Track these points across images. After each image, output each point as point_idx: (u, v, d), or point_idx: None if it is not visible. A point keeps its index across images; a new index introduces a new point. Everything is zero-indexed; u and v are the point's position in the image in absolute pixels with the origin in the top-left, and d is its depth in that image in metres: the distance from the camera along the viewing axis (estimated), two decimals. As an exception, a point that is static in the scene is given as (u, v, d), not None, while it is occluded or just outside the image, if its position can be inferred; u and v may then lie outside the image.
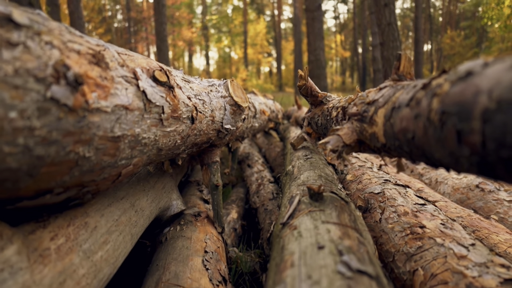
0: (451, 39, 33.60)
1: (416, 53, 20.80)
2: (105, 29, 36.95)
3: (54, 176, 0.64)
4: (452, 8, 39.38)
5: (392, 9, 9.44)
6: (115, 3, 41.92)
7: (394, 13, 9.56)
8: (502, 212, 1.83)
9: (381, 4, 9.43)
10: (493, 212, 1.87)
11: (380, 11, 9.53)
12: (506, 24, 10.37)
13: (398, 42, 9.55)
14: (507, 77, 0.38)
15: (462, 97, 0.45)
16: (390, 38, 9.54)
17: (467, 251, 0.86)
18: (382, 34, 9.68)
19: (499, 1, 10.08)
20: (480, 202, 2.00)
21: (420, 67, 20.18)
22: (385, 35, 9.61)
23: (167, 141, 1.04)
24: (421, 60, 20.61)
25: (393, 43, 9.52)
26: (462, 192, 2.15)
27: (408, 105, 0.63)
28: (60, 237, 0.72)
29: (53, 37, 0.59)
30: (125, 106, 0.77)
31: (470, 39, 32.97)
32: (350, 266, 0.59)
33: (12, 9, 0.52)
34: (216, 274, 1.12)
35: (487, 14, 10.63)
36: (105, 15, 38.98)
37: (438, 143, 0.52)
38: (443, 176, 2.43)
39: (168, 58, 12.44)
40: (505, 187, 2.00)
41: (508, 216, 1.78)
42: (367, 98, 0.95)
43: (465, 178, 2.20)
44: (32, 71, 0.51)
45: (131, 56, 0.91)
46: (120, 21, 42.38)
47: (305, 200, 0.97)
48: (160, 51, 12.57)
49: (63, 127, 0.59)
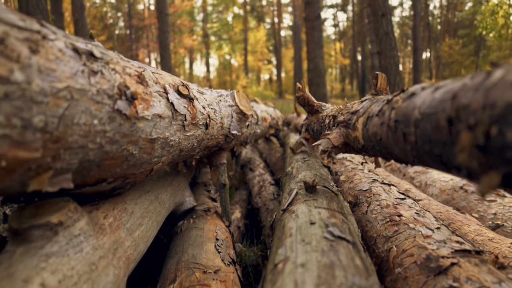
0: (449, 47, 33.95)
1: (414, 61, 21.11)
2: (107, 36, 37.38)
3: (111, 168, 0.85)
4: (450, 16, 39.85)
5: (389, 19, 9.68)
6: (117, 10, 42.37)
7: (391, 23, 9.80)
8: (482, 210, 2.03)
9: (379, 14, 9.67)
10: (474, 210, 2.07)
11: (378, 21, 9.77)
12: (501, 34, 10.65)
13: (395, 51, 9.79)
14: (429, 98, 0.60)
15: (406, 110, 0.67)
16: (387, 47, 9.77)
17: (432, 232, 1.07)
18: (380, 44, 9.90)
19: (493, 11, 10.37)
20: (463, 202, 2.19)
21: (418, 75, 20.46)
22: (382, 44, 9.84)
23: (187, 144, 1.26)
24: (419, 68, 20.90)
25: (390, 52, 9.74)
26: (448, 193, 2.35)
27: (377, 115, 0.85)
28: (110, 217, 0.93)
29: (115, 65, 0.80)
30: (159, 115, 0.98)
31: (468, 47, 33.31)
32: (333, 233, 0.80)
33: (92, 46, 0.74)
34: (226, 257, 1.33)
35: (482, 24, 10.91)
36: (107, 22, 39.43)
37: (394, 142, 0.74)
38: (432, 179, 2.63)
39: (170, 66, 12.69)
40: (486, 188, 2.20)
41: (487, 214, 1.98)
42: (351, 108, 1.17)
43: (451, 181, 2.40)
44: (106, 90, 0.73)
45: (161, 74, 1.12)
46: (121, 28, 42.77)
47: (302, 192, 1.19)
48: (163, 58, 12.83)
49: (122, 131, 0.80)
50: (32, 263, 0.63)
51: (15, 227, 0.68)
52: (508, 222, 1.84)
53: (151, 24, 38.62)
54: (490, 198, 2.09)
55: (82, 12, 13.22)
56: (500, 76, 0.41)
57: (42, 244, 0.68)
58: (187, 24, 37.64)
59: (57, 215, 0.72)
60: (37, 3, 7.21)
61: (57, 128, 0.59)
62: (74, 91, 0.62)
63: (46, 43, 0.59)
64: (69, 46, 0.66)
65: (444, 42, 36.04)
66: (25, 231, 0.68)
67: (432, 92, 0.60)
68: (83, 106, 0.65)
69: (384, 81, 1.12)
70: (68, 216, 0.75)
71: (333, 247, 0.73)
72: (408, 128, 0.65)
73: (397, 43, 9.90)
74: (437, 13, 43.17)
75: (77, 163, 0.70)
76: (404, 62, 49.08)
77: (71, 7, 26.21)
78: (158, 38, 12.94)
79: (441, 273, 0.84)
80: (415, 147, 0.63)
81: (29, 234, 0.68)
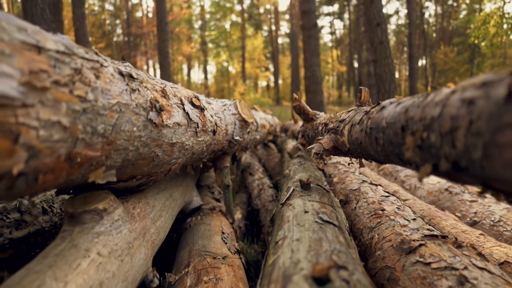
0: (444, 55, 34.39)
1: (410, 68, 21.37)
2: (105, 44, 37.68)
3: (141, 167, 1.04)
4: (445, 24, 40.39)
5: (383, 29, 9.92)
6: (115, 18, 42.69)
7: (386, 32, 10.04)
8: (464, 210, 2.22)
9: (373, 24, 9.91)
10: (458, 210, 2.26)
11: (373, 30, 10.01)
12: (492, 42, 10.95)
13: (389, 59, 10.03)
14: (392, 111, 0.79)
15: (378, 120, 0.87)
16: (382, 55, 9.99)
17: (408, 222, 1.26)
18: (375, 52, 10.12)
19: (485, 21, 10.68)
20: (448, 202, 2.39)
21: (414, 82, 20.72)
22: (377, 53, 10.06)
23: (198, 147, 1.45)
24: (415, 75, 21.15)
25: (385, 60, 9.97)
26: (434, 195, 2.54)
27: (359, 123, 1.04)
28: (137, 208, 1.12)
29: (146, 83, 1.00)
30: (178, 123, 1.17)
31: (463, 55, 33.76)
32: (323, 219, 0.99)
33: (130, 69, 0.93)
34: (232, 247, 1.52)
35: (475, 33, 11.22)
36: (105, 29, 39.75)
37: (370, 145, 0.93)
38: (421, 182, 2.83)
39: (170, 74, 12.91)
40: (469, 189, 2.40)
41: (468, 213, 2.17)
42: (339, 117, 1.37)
43: (438, 184, 2.60)
44: (142, 104, 0.92)
45: (177, 88, 1.32)
46: (119, 35, 43.04)
47: (298, 189, 1.38)
48: (162, 66, 13.05)
49: (152, 136, 0.99)
50: (88, 238, 0.82)
51: (71, 211, 0.87)
52: (486, 219, 2.03)
53: (149, 31, 38.95)
54: (472, 198, 2.28)
55: (83, 21, 13.40)
56: (431, 98, 0.61)
57: (92, 225, 0.87)
58: (185, 32, 37.99)
59: (102, 203, 0.91)
60: (41, 13, 7.42)
61: (111, 134, 0.78)
62: (121, 105, 0.81)
63: (103, 70, 0.78)
64: (116, 70, 0.85)
65: (440, 49, 36.49)
66: (79, 214, 0.87)
67: (395, 106, 0.80)
68: (127, 116, 0.85)
69: (367, 94, 1.31)
70: (110, 204, 0.94)
71: (322, 228, 0.92)
72: (378, 133, 0.84)
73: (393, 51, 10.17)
74: (432, 21, 43.73)
75: (120, 162, 0.89)
76: (400, 70, 49.55)
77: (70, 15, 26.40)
78: (157, 47, 13.17)
79: (411, 252, 1.03)
80: (383, 148, 0.83)
81: (82, 217, 0.87)
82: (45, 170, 0.60)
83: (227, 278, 1.17)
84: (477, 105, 0.45)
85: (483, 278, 0.82)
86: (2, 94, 0.47)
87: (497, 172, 0.42)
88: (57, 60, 0.62)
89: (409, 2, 22.88)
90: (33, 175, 0.58)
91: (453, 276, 0.85)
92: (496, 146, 0.41)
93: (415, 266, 0.96)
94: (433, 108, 0.58)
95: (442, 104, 0.55)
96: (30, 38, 0.57)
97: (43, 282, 0.62)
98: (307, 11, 11.18)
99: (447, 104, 0.53)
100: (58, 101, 0.60)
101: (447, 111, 0.53)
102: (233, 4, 41.44)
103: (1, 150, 0.47)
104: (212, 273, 1.19)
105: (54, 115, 0.59)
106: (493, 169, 0.43)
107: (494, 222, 1.98)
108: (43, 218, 1.27)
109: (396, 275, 0.99)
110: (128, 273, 0.87)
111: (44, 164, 0.59)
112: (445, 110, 0.53)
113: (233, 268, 1.28)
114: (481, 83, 0.47)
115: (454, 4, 38.91)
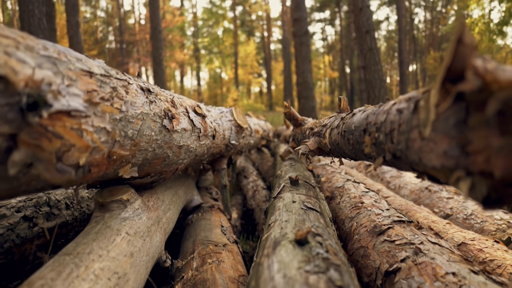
0: (434, 60, 34.97)
1: (401, 74, 21.75)
2: (98, 51, 37.81)
3: (155, 165, 1.25)
4: (435, 30, 41.11)
5: (372, 36, 10.22)
6: (107, 25, 42.81)
7: (375, 39, 10.34)
8: (441, 206, 2.44)
9: (363, 31, 10.21)
10: (436, 206, 2.48)
11: (362, 38, 10.30)
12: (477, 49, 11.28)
13: (379, 65, 10.32)
14: (359, 117, 1.01)
15: (349, 124, 1.08)
16: (371, 62, 10.27)
17: (382, 212, 1.47)
18: (364, 59, 10.40)
19: (469, 28, 11.03)
20: (428, 200, 2.61)
21: (405, 87, 21.09)
22: (367, 60, 10.34)
23: (200, 150, 1.65)
24: (405, 80, 21.52)
25: (374, 66, 10.25)
26: (416, 194, 2.77)
27: (336, 127, 1.26)
28: (151, 201, 1.32)
29: (160, 95, 1.20)
30: (184, 129, 1.38)
31: (452, 60, 34.24)
32: (307, 206, 1.20)
33: (147, 84, 1.14)
34: (231, 237, 1.72)
35: (460, 40, 11.54)
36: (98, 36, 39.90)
37: (344, 145, 1.15)
38: (404, 183, 3.05)
39: (164, 81, 13.11)
40: (446, 188, 2.63)
41: (445, 208, 2.39)
42: (323, 123, 1.59)
43: (419, 183, 2.82)
44: (158, 113, 1.13)
45: (182, 98, 1.53)
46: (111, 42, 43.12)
47: (288, 185, 1.59)
48: (156, 74, 13.25)
49: (165, 139, 1.20)
50: (117, 222, 1.02)
51: (101, 201, 1.07)
52: (460, 214, 2.26)
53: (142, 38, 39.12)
54: (448, 196, 2.51)
55: (77, 29, 13.57)
56: (382, 107, 0.83)
57: (119, 212, 1.07)
58: (178, 39, 38.24)
59: (126, 195, 1.12)
60: (38, 23, 7.60)
61: (136, 137, 0.99)
62: (144, 114, 1.02)
63: (130, 86, 0.99)
64: (138, 86, 1.06)
65: (429, 55, 37.11)
66: (107, 203, 1.07)
67: (361, 114, 1.01)
68: (148, 123, 1.05)
69: (345, 103, 1.54)
70: (131, 196, 1.14)
71: (306, 213, 1.13)
72: (349, 135, 1.06)
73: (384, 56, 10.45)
74: (422, 27, 44.45)
75: (141, 160, 1.10)
76: (391, 75, 50.19)
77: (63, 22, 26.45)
78: (151, 54, 13.38)
79: (381, 234, 1.24)
80: (353, 147, 1.04)
81: (110, 206, 1.07)
82: (95, 164, 0.81)
83: (228, 261, 1.37)
84: (404, 113, 0.67)
85: (434, 249, 1.04)
86: (75, 108, 0.68)
87: (413, 158, 0.63)
88: (102, 81, 0.82)
89: (399, 9, 23.35)
90: (88, 167, 0.78)
91: (411, 248, 1.06)
92: (411, 140, 0.62)
93: (383, 244, 1.18)
94: (382, 115, 0.79)
95: (387, 112, 0.77)
96: (84, 66, 0.77)
97: (92, 249, 0.82)
98: (298, 18, 11.47)
99: (389, 112, 0.75)
100: (104, 112, 0.80)
101: (389, 117, 0.74)
102: (225, 11, 41.81)
103: (81, 147, 0.67)
104: (214, 256, 1.40)
105: (101, 123, 0.79)
106: (411, 156, 0.64)
107: (467, 216, 2.21)
108: (66, 212, 1.47)
109: (368, 252, 1.20)
110: (149, 250, 1.07)
111: (94, 159, 0.79)
112: (388, 117, 0.75)
113: (232, 253, 1.48)
114: (408, 98, 0.68)
115: (442, 11, 39.65)
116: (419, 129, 0.58)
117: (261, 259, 0.79)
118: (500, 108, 0.39)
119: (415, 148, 0.60)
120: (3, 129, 0.51)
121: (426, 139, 0.55)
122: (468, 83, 0.43)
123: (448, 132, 0.48)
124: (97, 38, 39.66)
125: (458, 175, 0.48)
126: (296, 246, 0.78)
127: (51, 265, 0.74)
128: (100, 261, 0.80)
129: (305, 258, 0.71)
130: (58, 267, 0.72)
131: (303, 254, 0.73)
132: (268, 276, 0.66)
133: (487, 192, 0.44)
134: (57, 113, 0.62)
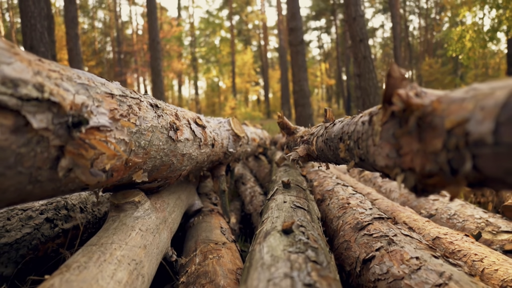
0: (429, 66, 35.26)
1: (396, 81, 22.07)
2: (96, 62, 38.16)
3: (162, 171, 1.42)
4: (429, 37, 41.62)
5: (366, 44, 10.45)
6: (105, 35, 43.16)
7: (369, 47, 10.56)
8: (428, 207, 2.61)
9: (357, 40, 10.43)
10: (423, 208, 2.65)
11: (356, 46, 10.51)
12: (469, 56, 11.59)
13: (373, 73, 10.53)
14: (338, 127, 1.18)
15: (331, 133, 1.25)
16: (366, 70, 10.48)
17: (365, 211, 1.64)
18: (359, 67, 10.60)
19: (461, 35, 11.32)
20: (415, 202, 2.77)
21: (400, 94, 21.36)
22: (361, 68, 10.54)
23: (201, 158, 1.82)
24: (400, 87, 21.81)
25: (368, 74, 10.46)
26: (405, 196, 2.93)
27: (321, 135, 1.44)
28: (157, 204, 1.49)
29: (166, 110, 1.38)
30: (187, 139, 1.55)
31: (447, 66, 34.64)
32: (296, 205, 1.37)
33: (155, 100, 1.31)
34: (229, 237, 1.88)
35: (452, 47, 11.87)
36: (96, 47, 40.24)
37: (327, 151, 1.32)
38: (395, 186, 3.22)
39: (163, 91, 13.30)
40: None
41: (431, 209, 2.56)
42: (311, 131, 1.77)
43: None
44: (165, 126, 1.30)
45: (185, 111, 1.70)
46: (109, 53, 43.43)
47: (280, 188, 1.76)
48: (155, 84, 13.45)
49: (170, 149, 1.37)
50: (131, 220, 1.19)
51: (116, 202, 1.24)
52: (444, 214, 2.43)
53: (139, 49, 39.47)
54: (434, 197, 2.68)
55: (76, 41, 13.79)
56: (354, 119, 1.00)
57: (132, 212, 1.24)
58: (176, 49, 38.58)
59: (137, 197, 1.28)
60: (40, 37, 7.80)
61: (147, 147, 1.16)
62: (153, 127, 1.19)
63: (142, 103, 1.16)
64: (148, 102, 1.23)
65: (424, 61, 37.47)
66: (122, 204, 1.24)
67: (340, 123, 1.19)
68: (156, 135, 1.22)
69: (331, 113, 1.71)
70: (142, 198, 1.31)
71: (295, 211, 1.30)
72: (330, 142, 1.23)
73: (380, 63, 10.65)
74: (417, 34, 44.97)
75: (151, 167, 1.27)
76: (387, 81, 50.34)
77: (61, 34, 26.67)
78: (150, 65, 13.61)
79: (361, 229, 1.41)
80: (334, 153, 1.22)
81: (124, 206, 1.24)
82: (116, 169, 0.98)
83: (227, 256, 1.54)
84: (365, 125, 0.84)
85: (405, 240, 1.21)
86: (103, 124, 0.85)
87: (371, 160, 0.81)
88: (120, 101, 1.00)
89: (393, 16, 23.74)
90: (111, 172, 0.95)
91: (385, 240, 1.23)
92: (369, 146, 0.79)
93: (363, 237, 1.34)
94: (353, 126, 0.97)
95: (355, 123, 0.94)
96: (107, 89, 0.95)
97: (113, 241, 0.99)
98: (294, 28, 11.69)
99: (357, 124, 0.92)
100: (123, 127, 0.97)
101: (356, 128, 0.92)
102: (222, 21, 42.27)
103: (110, 155, 0.85)
104: (215, 253, 1.56)
105: (121, 135, 0.96)
106: (371, 159, 0.81)
107: (450, 216, 2.37)
108: (80, 215, 1.63)
109: (351, 244, 1.37)
110: (159, 244, 1.24)
111: (116, 166, 0.96)
112: (356, 127, 0.92)
113: (231, 250, 1.65)
114: (369, 112, 0.86)
115: (436, 17, 40.19)
116: (373, 137, 0.75)
117: (254, 246, 0.96)
118: (417, 122, 0.57)
119: (371, 152, 0.78)
120: (56, 142, 0.68)
121: (376, 145, 0.72)
122: (395, 106, 0.60)
123: (389, 139, 0.65)
124: (95, 49, 40.02)
125: (396, 171, 0.65)
126: (282, 235, 0.95)
127: (81, 253, 0.91)
128: (120, 250, 0.96)
129: (289, 243, 0.88)
130: (88, 253, 0.89)
131: (288, 240, 0.90)
132: (259, 256, 0.83)
133: (414, 183, 0.61)
134: (91, 128, 0.79)
